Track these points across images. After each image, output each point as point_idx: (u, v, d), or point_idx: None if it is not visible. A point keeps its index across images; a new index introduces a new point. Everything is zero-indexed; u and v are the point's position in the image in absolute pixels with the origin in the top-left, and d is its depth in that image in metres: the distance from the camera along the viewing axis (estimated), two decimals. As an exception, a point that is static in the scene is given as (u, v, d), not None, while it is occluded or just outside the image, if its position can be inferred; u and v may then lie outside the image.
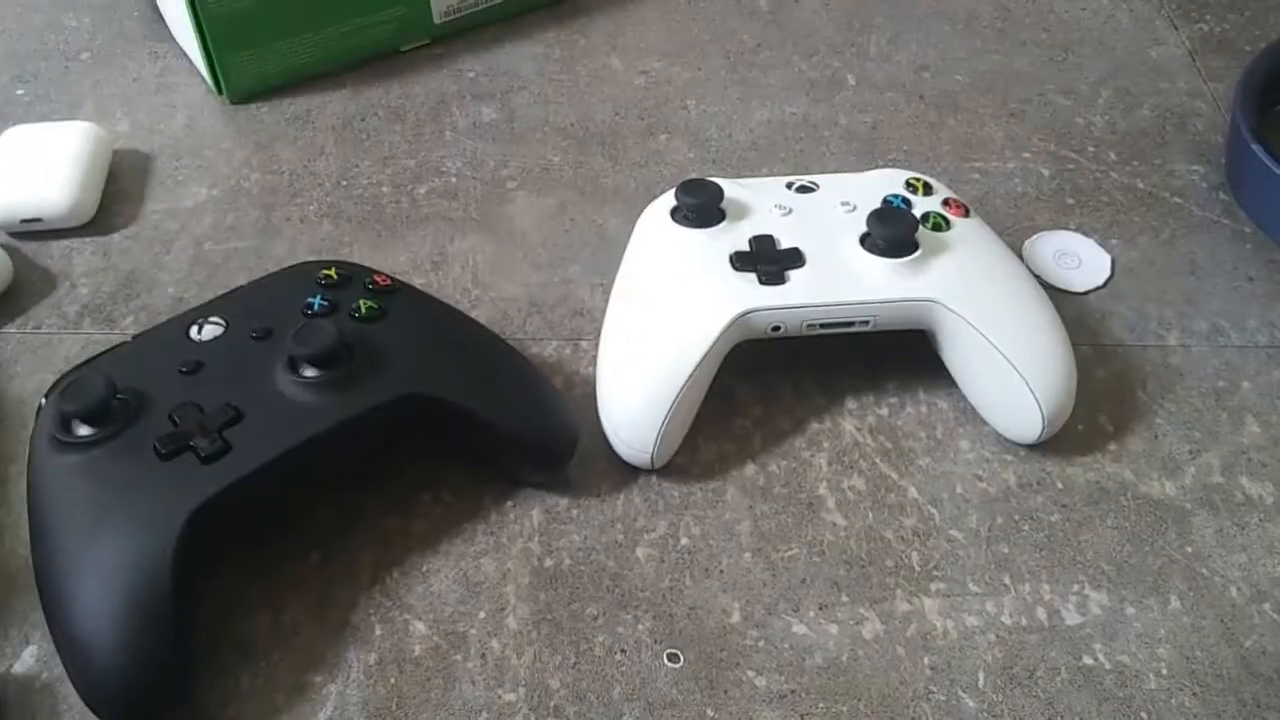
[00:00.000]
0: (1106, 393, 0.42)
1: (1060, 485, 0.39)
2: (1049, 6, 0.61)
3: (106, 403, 0.33)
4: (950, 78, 0.57)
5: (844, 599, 0.36)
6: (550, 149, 0.52)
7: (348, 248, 0.48)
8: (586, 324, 0.44)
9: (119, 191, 0.50)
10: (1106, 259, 0.47)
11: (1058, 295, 0.46)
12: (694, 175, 0.50)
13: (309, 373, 0.34)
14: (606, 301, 0.42)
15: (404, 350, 0.36)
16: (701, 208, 0.41)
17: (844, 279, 0.39)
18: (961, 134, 0.53)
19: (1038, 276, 0.46)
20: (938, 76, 0.57)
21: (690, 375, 0.37)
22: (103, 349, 0.38)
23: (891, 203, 0.42)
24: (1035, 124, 0.54)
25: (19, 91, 0.56)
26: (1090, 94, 0.55)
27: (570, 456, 0.38)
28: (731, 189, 0.42)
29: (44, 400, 0.36)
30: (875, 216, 0.39)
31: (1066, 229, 0.49)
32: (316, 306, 0.37)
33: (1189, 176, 0.51)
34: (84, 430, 0.33)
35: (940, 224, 0.41)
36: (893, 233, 0.39)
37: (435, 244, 0.48)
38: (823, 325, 0.39)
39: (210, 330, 0.36)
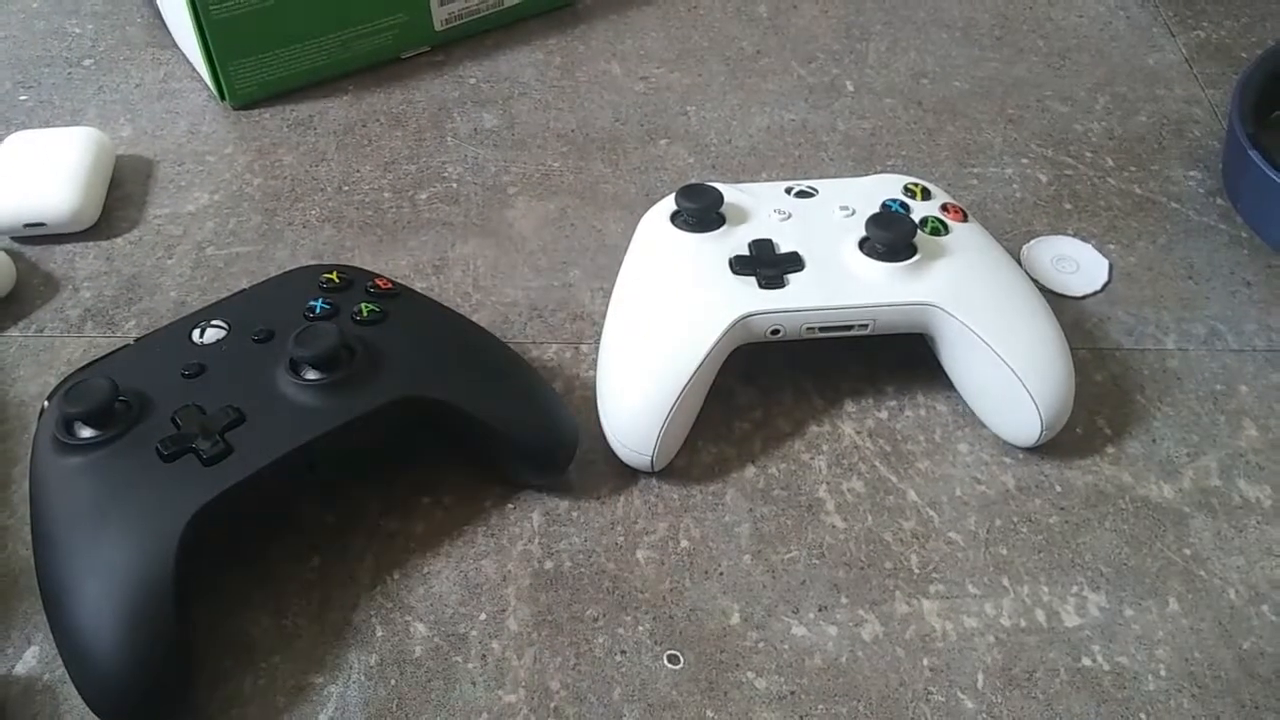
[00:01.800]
0: (1104, 396, 0.42)
1: (1059, 488, 0.39)
2: (1046, 14, 0.62)
3: (109, 405, 0.33)
4: (948, 84, 0.57)
5: (843, 601, 0.36)
6: (551, 154, 0.53)
7: (349, 252, 0.48)
8: (587, 327, 0.44)
9: (122, 196, 0.50)
10: (1104, 263, 0.47)
11: (1056, 300, 0.46)
12: (694, 180, 0.50)
13: (310, 375, 0.34)
14: (607, 305, 0.42)
15: (405, 353, 0.36)
16: (701, 212, 0.41)
17: (843, 282, 0.39)
18: (960, 140, 0.54)
19: (1036, 281, 0.46)
20: (936, 83, 0.57)
21: (690, 378, 0.37)
22: (105, 352, 0.38)
23: (890, 207, 0.42)
24: (1033, 130, 0.54)
25: (22, 97, 0.56)
26: (1088, 100, 0.56)
27: (570, 460, 0.38)
28: (731, 194, 0.42)
29: (46, 403, 0.36)
30: (874, 221, 0.40)
31: (1064, 234, 0.49)
32: (318, 309, 0.37)
33: (1186, 182, 0.51)
34: (86, 432, 0.33)
35: (939, 228, 0.41)
36: (891, 237, 0.39)
37: (436, 249, 0.48)
38: (822, 329, 0.39)
39: (212, 333, 0.36)
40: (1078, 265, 0.47)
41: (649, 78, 0.57)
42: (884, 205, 0.42)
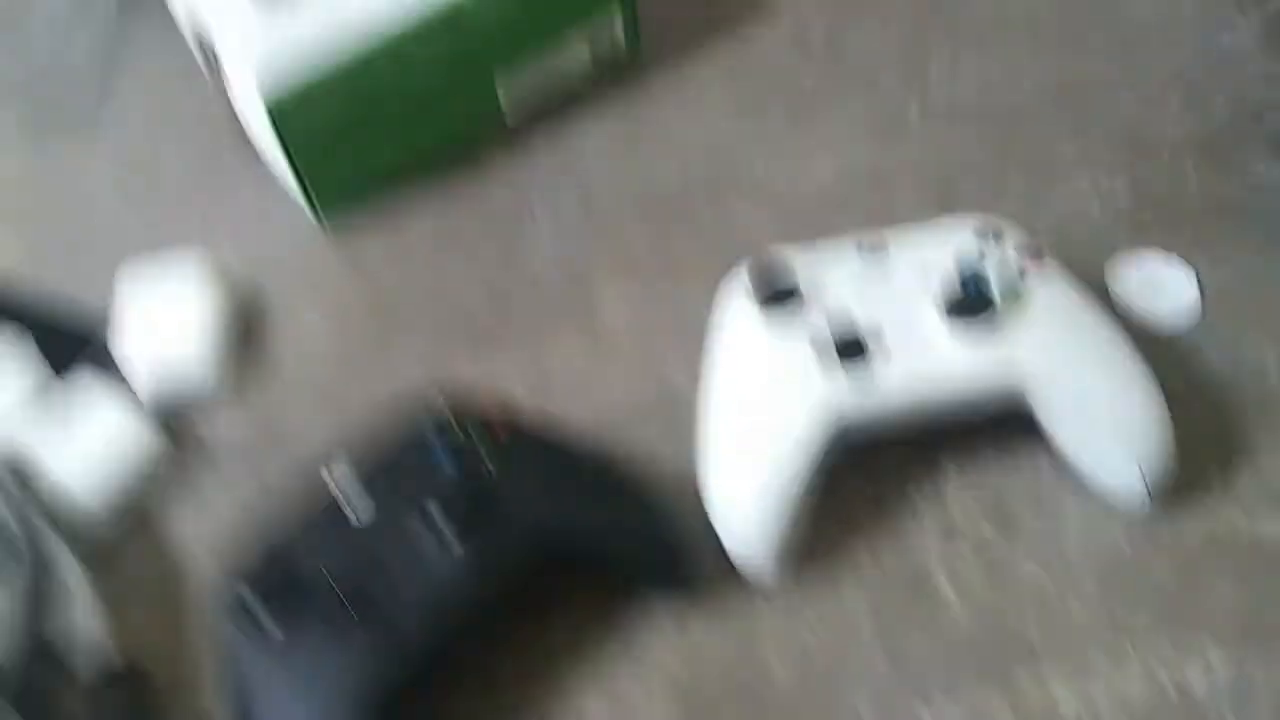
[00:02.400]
0: (1206, 434, 0.42)
1: (1170, 540, 0.40)
2: (1109, 2, 0.59)
3: (284, 588, 0.37)
4: (1014, 92, 0.56)
5: (967, 683, 0.38)
6: (628, 231, 0.53)
7: (453, 363, 0.50)
8: (684, 414, 0.44)
9: (242, 333, 0.52)
10: (1193, 282, 0.47)
11: (1144, 327, 0.46)
12: (766, 238, 0.50)
13: (455, 541, 0.37)
14: (699, 389, 0.43)
15: (533, 499, 0.39)
16: (773, 293, 0.42)
17: (931, 371, 0.40)
18: (1030, 156, 0.53)
19: (1123, 308, 0.46)
20: (1001, 93, 0.56)
21: (792, 484, 0.39)
22: (257, 509, 0.41)
23: (964, 274, 0.42)
24: (1105, 135, 0.53)
25: (125, 220, 0.58)
26: (1159, 95, 0.54)
27: (696, 577, 0.41)
28: (801, 262, 0.43)
29: (224, 580, 0.39)
30: (953, 303, 0.40)
31: (1148, 249, 0.48)
32: (449, 470, 0.39)
33: (1271, 174, 0.50)
34: (271, 619, 0.37)
35: (1017, 289, 0.41)
36: (972, 318, 0.40)
37: (533, 352, 0.50)
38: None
39: (362, 509, 0.39)
40: (1165, 286, 0.47)
41: (714, 131, 0.57)
42: (960, 273, 0.42)
